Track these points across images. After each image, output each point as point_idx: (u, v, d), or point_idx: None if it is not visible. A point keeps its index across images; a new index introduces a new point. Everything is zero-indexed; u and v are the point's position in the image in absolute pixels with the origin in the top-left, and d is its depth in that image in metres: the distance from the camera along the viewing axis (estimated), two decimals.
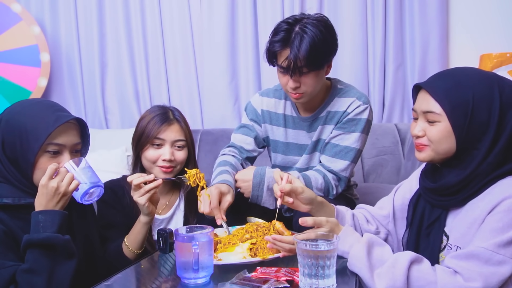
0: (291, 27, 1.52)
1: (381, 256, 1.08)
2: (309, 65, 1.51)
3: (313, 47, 1.48)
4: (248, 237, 1.24)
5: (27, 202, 1.19)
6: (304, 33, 1.49)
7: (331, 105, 1.69)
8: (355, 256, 1.09)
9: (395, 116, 2.91)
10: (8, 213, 1.17)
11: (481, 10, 2.78)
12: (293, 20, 1.54)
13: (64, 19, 3.17)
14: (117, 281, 1.13)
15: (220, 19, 2.97)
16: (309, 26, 1.50)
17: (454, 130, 1.09)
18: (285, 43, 1.51)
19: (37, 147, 1.17)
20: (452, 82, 1.10)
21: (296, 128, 1.75)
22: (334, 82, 1.74)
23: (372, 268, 1.06)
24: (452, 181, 1.11)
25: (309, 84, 1.56)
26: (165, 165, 1.54)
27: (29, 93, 3.05)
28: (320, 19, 1.55)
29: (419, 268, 1.03)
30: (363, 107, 1.65)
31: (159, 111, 1.59)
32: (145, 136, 1.55)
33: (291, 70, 1.51)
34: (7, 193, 1.19)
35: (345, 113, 1.66)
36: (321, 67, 1.56)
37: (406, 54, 2.87)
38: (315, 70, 1.54)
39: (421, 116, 1.15)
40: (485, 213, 1.04)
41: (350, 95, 1.68)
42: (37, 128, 1.18)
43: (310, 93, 1.59)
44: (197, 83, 3.09)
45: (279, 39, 1.52)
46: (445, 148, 1.11)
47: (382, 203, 1.39)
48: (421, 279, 1.01)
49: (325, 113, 1.69)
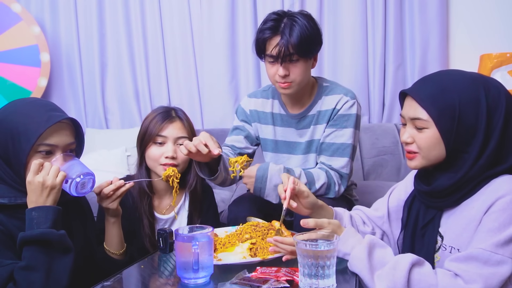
0: (281, 18, 1.56)
1: (382, 258, 1.08)
2: (299, 52, 1.54)
3: (303, 35, 1.52)
4: (248, 237, 1.24)
5: (23, 201, 1.18)
6: (294, 21, 1.54)
7: (320, 104, 1.70)
8: (356, 257, 1.09)
9: (395, 116, 2.91)
10: (4, 213, 1.16)
11: (481, 10, 2.78)
12: (282, 12, 1.59)
13: (64, 19, 3.17)
14: (117, 281, 1.13)
15: (220, 19, 2.98)
16: (298, 16, 1.55)
17: (442, 135, 1.09)
18: (275, 31, 1.55)
19: (28, 147, 1.16)
20: (437, 88, 1.10)
21: (284, 126, 1.76)
22: (319, 80, 1.76)
23: (372, 270, 1.06)
24: (444, 184, 1.11)
25: (297, 72, 1.58)
26: (168, 163, 1.52)
27: (29, 93, 3.05)
28: (307, 14, 1.61)
29: (420, 271, 1.03)
30: (351, 102, 1.67)
31: (162, 110, 1.61)
32: (148, 134, 1.55)
33: (281, 57, 1.53)
34: (4, 193, 1.18)
35: (335, 110, 1.67)
36: (311, 55, 1.59)
37: (406, 54, 2.88)
38: (304, 58, 1.57)
39: (409, 122, 1.15)
40: (481, 213, 1.04)
41: (337, 92, 1.70)
42: (29, 128, 1.17)
43: (299, 82, 1.61)
44: (197, 83, 3.10)
45: (270, 27, 1.56)
46: (435, 154, 1.11)
47: (377, 205, 1.40)
48: (422, 281, 1.01)
49: (315, 112, 1.70)
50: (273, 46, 1.55)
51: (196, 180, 1.61)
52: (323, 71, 2.94)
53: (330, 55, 2.93)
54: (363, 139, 2.68)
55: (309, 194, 1.28)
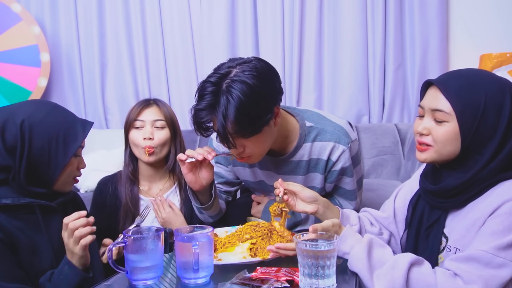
0: (217, 87, 1.25)
1: (381, 257, 1.08)
2: (242, 132, 1.26)
3: (241, 112, 1.22)
4: (248, 237, 1.24)
5: (26, 201, 1.19)
6: (230, 95, 1.22)
7: (309, 151, 1.48)
8: (356, 257, 1.09)
9: (395, 116, 2.91)
10: (6, 214, 1.17)
11: (481, 10, 2.78)
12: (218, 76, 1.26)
13: (64, 19, 3.17)
14: (117, 281, 1.13)
15: (220, 19, 2.97)
16: (236, 83, 1.23)
17: (461, 132, 1.06)
18: (212, 110, 1.26)
19: (75, 148, 1.25)
20: (465, 82, 1.07)
21: (263, 169, 1.56)
22: (300, 120, 1.49)
23: (372, 269, 1.06)
24: (452, 184, 1.10)
25: (253, 146, 1.33)
26: (146, 145, 1.60)
27: (29, 93, 3.05)
28: (252, 67, 1.27)
29: (419, 270, 1.02)
30: (347, 154, 1.47)
31: (142, 100, 1.71)
32: (129, 121, 1.65)
33: (224, 140, 1.28)
34: (6, 194, 1.19)
35: (330, 161, 1.48)
36: (259, 130, 1.28)
37: (406, 54, 2.88)
38: (252, 135, 1.29)
39: (428, 113, 1.11)
40: (486, 215, 1.03)
41: (327, 137, 1.47)
42: (72, 132, 1.25)
43: (259, 153, 1.38)
44: (197, 83, 3.07)
45: (204, 107, 1.26)
46: (449, 150, 1.09)
47: (384, 206, 1.39)
48: (421, 281, 1.01)
49: (305, 160, 1.49)
50: (215, 124, 1.27)
51: (175, 161, 1.66)
52: (324, 71, 2.94)
53: (330, 55, 2.93)
54: (363, 139, 2.68)
55: (302, 187, 1.27)
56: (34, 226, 1.21)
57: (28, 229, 1.20)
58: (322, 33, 2.92)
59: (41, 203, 1.23)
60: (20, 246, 1.17)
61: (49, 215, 1.25)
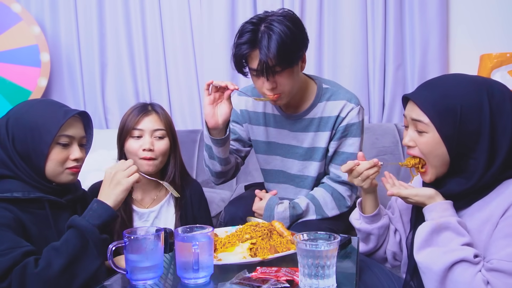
0: (257, 27, 1.45)
1: (447, 240, 1.06)
2: (281, 63, 1.44)
3: (282, 45, 1.42)
4: (248, 237, 1.24)
5: (36, 196, 1.23)
6: (270, 31, 1.42)
7: (321, 109, 1.64)
8: (423, 225, 1.09)
9: (395, 116, 2.91)
10: (18, 207, 1.20)
11: (481, 10, 2.78)
12: (257, 19, 1.48)
13: (64, 19, 3.17)
14: (117, 281, 1.13)
15: (220, 19, 2.98)
16: (274, 23, 1.43)
17: (443, 139, 1.08)
18: (253, 44, 1.45)
19: (50, 138, 1.24)
20: (438, 92, 1.10)
21: (277, 127, 1.70)
22: (317, 81, 1.67)
23: (428, 244, 1.07)
24: (454, 189, 1.11)
25: (285, 83, 1.49)
26: (146, 156, 1.54)
27: (29, 93, 3.05)
28: (285, 15, 1.48)
29: (467, 268, 1.01)
30: (356, 110, 1.62)
31: (139, 105, 1.64)
32: (125, 129, 1.58)
33: (264, 71, 1.45)
34: (17, 188, 1.22)
35: (339, 118, 1.62)
36: (294, 63, 1.48)
37: (406, 54, 2.87)
38: (288, 68, 1.47)
39: (411, 124, 1.15)
40: (497, 217, 1.03)
41: (340, 97, 1.63)
42: (48, 121, 1.25)
43: (289, 92, 1.53)
44: (197, 83, 3.09)
45: (246, 41, 1.46)
46: (438, 159, 1.11)
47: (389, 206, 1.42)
48: (461, 276, 1.01)
49: (316, 118, 1.64)
50: (253, 59, 1.46)
51: (174, 172, 1.61)
52: (323, 71, 2.94)
53: (330, 55, 2.92)
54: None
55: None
56: (44, 221, 1.24)
57: (38, 223, 1.23)
58: (322, 33, 2.92)
59: (51, 199, 1.26)
60: (32, 235, 1.20)
61: (58, 211, 1.29)
